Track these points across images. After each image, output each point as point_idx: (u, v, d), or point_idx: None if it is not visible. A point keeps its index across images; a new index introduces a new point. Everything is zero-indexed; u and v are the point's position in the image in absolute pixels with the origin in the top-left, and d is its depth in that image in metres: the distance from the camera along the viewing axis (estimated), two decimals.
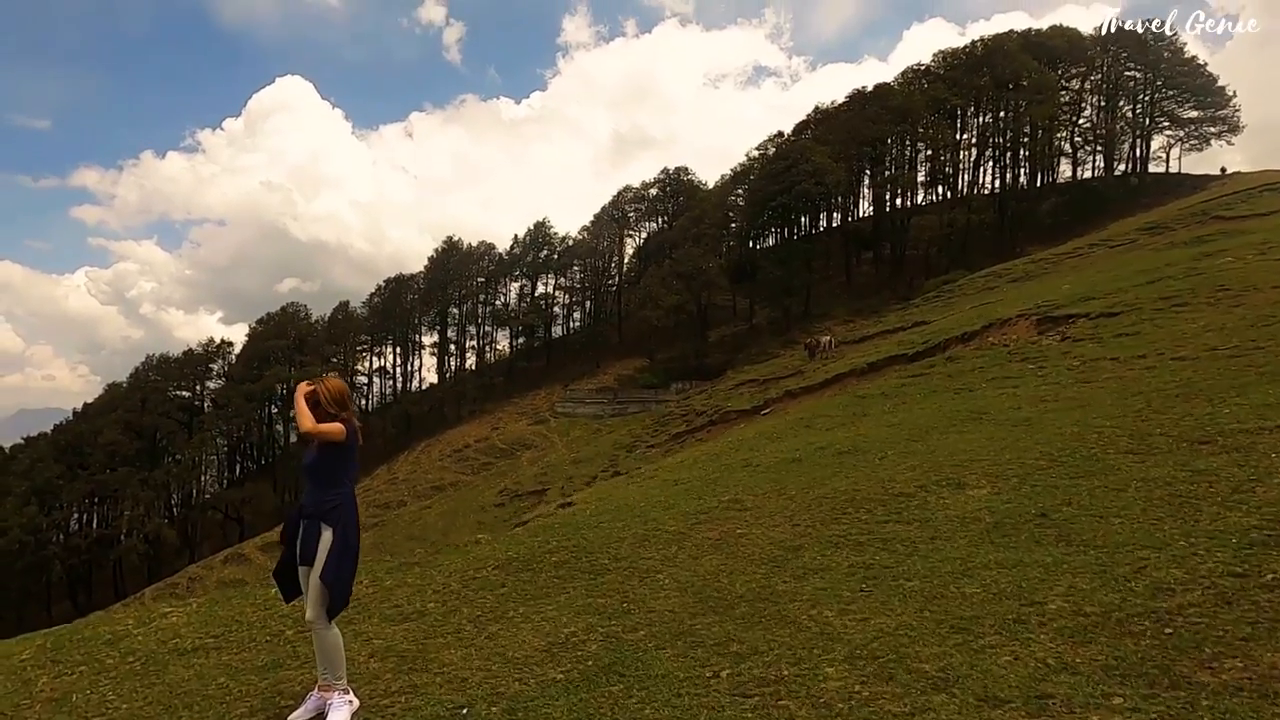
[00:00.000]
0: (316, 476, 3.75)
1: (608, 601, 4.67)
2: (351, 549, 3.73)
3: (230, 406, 63.20)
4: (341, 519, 3.70)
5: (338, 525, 3.68)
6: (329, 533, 3.65)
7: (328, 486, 3.73)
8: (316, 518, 3.67)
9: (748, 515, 6.22)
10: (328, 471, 3.75)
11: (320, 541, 3.63)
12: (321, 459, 3.73)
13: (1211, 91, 66.25)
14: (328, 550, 3.61)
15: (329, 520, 3.67)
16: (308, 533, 3.67)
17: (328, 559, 3.61)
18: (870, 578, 4.38)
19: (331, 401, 3.77)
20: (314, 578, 3.60)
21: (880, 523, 5.39)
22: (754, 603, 4.29)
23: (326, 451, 3.72)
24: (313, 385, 3.78)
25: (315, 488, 3.73)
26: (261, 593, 6.02)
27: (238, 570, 41.51)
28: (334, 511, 3.69)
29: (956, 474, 6.27)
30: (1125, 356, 10.10)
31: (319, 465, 3.73)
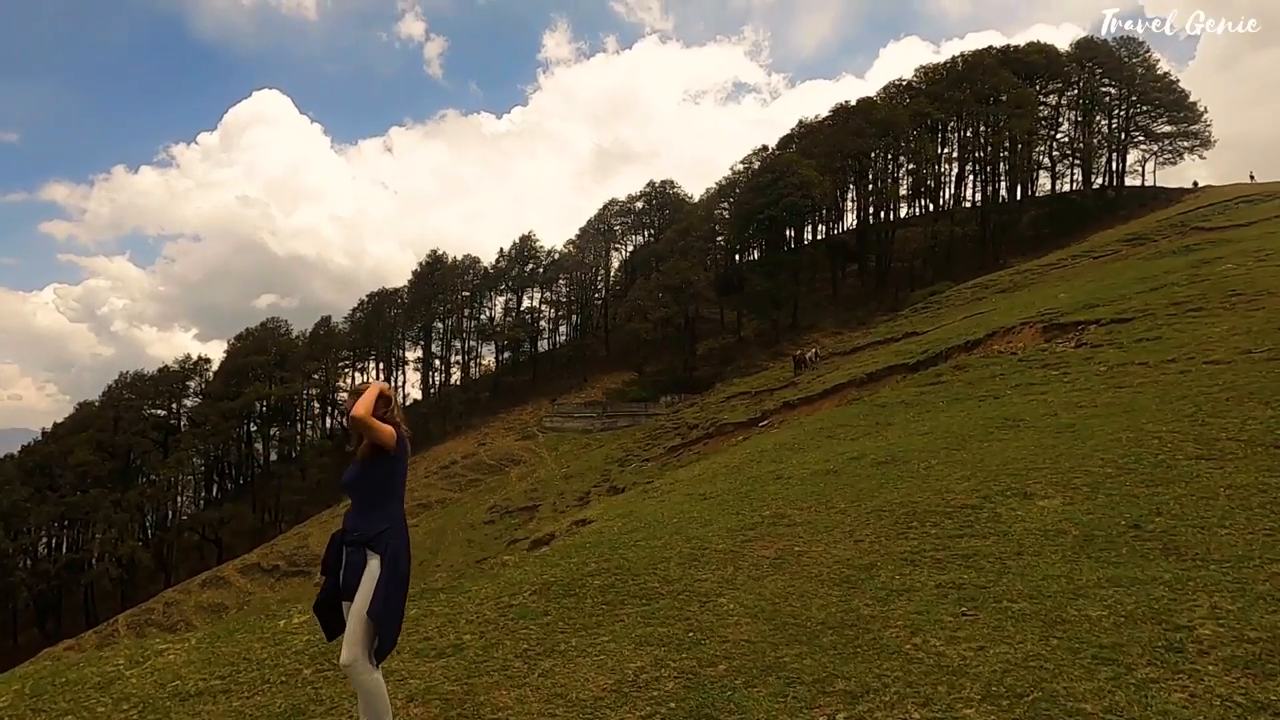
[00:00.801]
0: (361, 494, 3.26)
1: (670, 630, 4.19)
2: (402, 579, 3.24)
3: (208, 425, 61.61)
4: (390, 545, 3.21)
5: (386, 552, 3.18)
6: (375, 561, 3.15)
7: (374, 506, 3.24)
8: (361, 544, 3.17)
9: (800, 531, 5.78)
10: (375, 488, 3.26)
11: (365, 571, 3.13)
12: (367, 474, 3.24)
13: (1184, 107, 67.73)
14: (375, 581, 3.12)
15: (375, 546, 3.17)
16: (351, 561, 3.18)
17: (375, 591, 3.11)
18: (966, 599, 3.95)
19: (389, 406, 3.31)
20: (356, 612, 3.10)
21: (953, 537, 4.97)
22: (840, 630, 3.84)
23: (373, 465, 3.23)
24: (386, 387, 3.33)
25: (360, 508, 3.25)
26: (269, 625, 5.45)
27: (217, 594, 40.16)
28: (381, 536, 3.19)
29: (1018, 483, 5.89)
30: (1154, 361, 9.84)
31: (364, 481, 3.24)
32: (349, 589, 3.14)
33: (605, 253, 74.14)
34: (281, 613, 5.74)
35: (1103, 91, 69.36)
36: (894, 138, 66.24)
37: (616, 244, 75.47)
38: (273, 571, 42.29)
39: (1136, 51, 68.47)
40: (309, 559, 42.52)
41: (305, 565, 41.71)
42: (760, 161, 70.05)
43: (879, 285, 64.44)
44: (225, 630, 5.52)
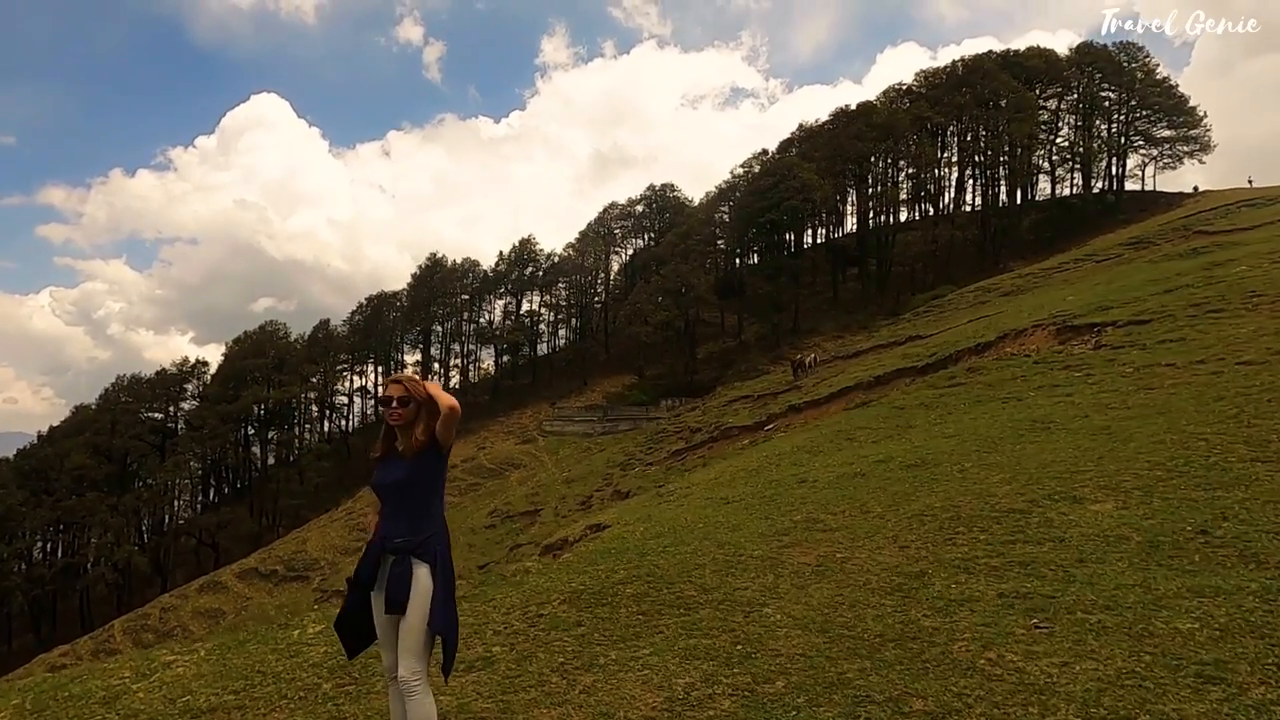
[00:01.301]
0: (408, 496, 2.97)
1: (715, 643, 3.94)
2: (453, 585, 2.99)
3: (205, 428, 61.15)
4: (438, 552, 2.96)
5: (436, 561, 2.93)
6: (423, 570, 2.89)
7: (421, 509, 2.96)
8: (407, 551, 2.90)
9: (838, 536, 5.53)
10: (424, 489, 2.98)
11: (414, 582, 2.87)
12: (419, 472, 2.96)
13: (1183, 111, 67.82)
14: (429, 593, 2.86)
15: (423, 554, 2.91)
16: (397, 571, 2.89)
17: (433, 604, 2.86)
18: (1034, 610, 3.70)
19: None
20: (414, 627, 2.84)
21: (1006, 543, 4.73)
22: (903, 643, 3.59)
23: (424, 463, 2.96)
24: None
25: (402, 512, 2.96)
26: (282, 636, 5.18)
27: (214, 600, 39.75)
28: (428, 542, 2.93)
29: (1064, 487, 5.65)
30: (1182, 362, 9.62)
31: (415, 481, 2.95)
32: (397, 602, 2.86)
33: (605, 256, 73.98)
34: (294, 623, 5.47)
35: (1102, 96, 69.44)
36: (894, 141, 66.22)
37: (616, 247, 75.33)
38: (270, 576, 41.88)
39: (1136, 56, 68.59)
40: (307, 564, 42.16)
41: (304, 570, 41.34)
42: (760, 165, 70.02)
43: (879, 289, 64.33)
44: (235, 641, 5.25)
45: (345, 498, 55.51)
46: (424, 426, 3.01)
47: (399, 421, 3.01)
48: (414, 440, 2.99)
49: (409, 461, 2.98)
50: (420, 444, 2.98)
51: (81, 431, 61.05)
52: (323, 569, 40.27)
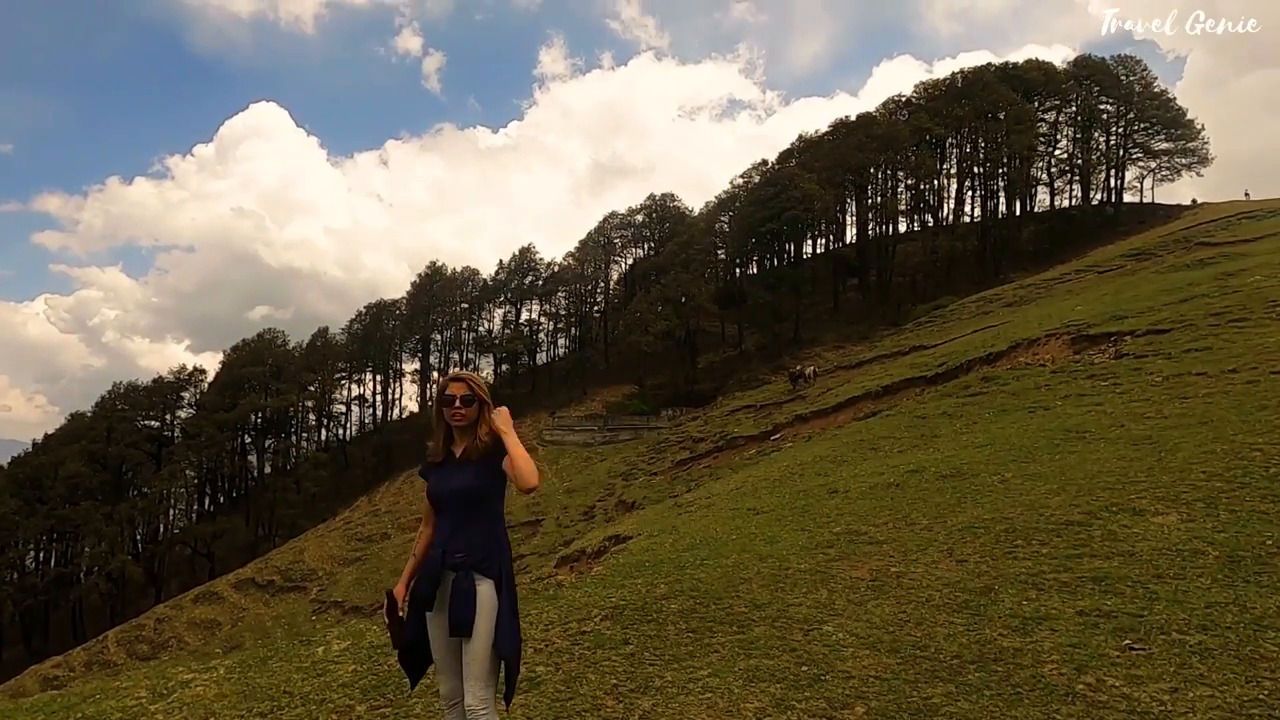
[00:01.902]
0: (472, 506, 2.73)
1: (778, 664, 3.70)
2: (516, 606, 2.76)
3: (202, 436, 60.64)
4: (502, 565, 2.72)
5: (500, 575, 2.69)
6: (487, 586, 2.65)
7: (485, 522, 2.73)
8: (470, 566, 2.65)
9: (887, 550, 5.30)
10: (490, 497, 2.75)
11: (479, 599, 2.63)
12: (483, 480, 2.72)
13: (1181, 124, 68.18)
14: (495, 612, 2.63)
15: (486, 569, 2.67)
16: (460, 589, 2.64)
17: (499, 625, 2.62)
18: (1122, 629, 3.48)
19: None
20: (479, 651, 2.60)
21: (1071, 557, 4.51)
22: (985, 664, 3.36)
23: (490, 469, 2.72)
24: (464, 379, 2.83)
25: (463, 523, 2.71)
26: (306, 653, 4.92)
27: (209, 610, 39.21)
28: (493, 557, 2.70)
29: (1119, 499, 5.44)
30: (1214, 371, 9.44)
31: (478, 489, 2.72)
32: (462, 623, 2.61)
33: (605, 265, 73.87)
34: (318, 638, 5.21)
35: (1100, 109, 69.77)
36: (894, 152, 66.39)
37: (616, 257, 75.20)
38: (267, 587, 41.36)
39: (1134, 69, 69.00)
40: (304, 574, 41.67)
41: (301, 580, 40.85)
42: (760, 175, 70.11)
43: (880, 299, 64.29)
44: (256, 658, 4.99)
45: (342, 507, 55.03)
46: (488, 428, 2.79)
47: (461, 422, 2.78)
48: (478, 443, 2.76)
49: (472, 467, 2.75)
50: (485, 447, 2.75)
51: (77, 439, 60.49)
52: (320, 579, 39.78)
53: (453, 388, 2.80)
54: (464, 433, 2.81)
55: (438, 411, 2.85)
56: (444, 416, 2.82)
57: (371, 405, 73.81)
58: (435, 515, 2.82)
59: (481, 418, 2.80)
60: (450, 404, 2.78)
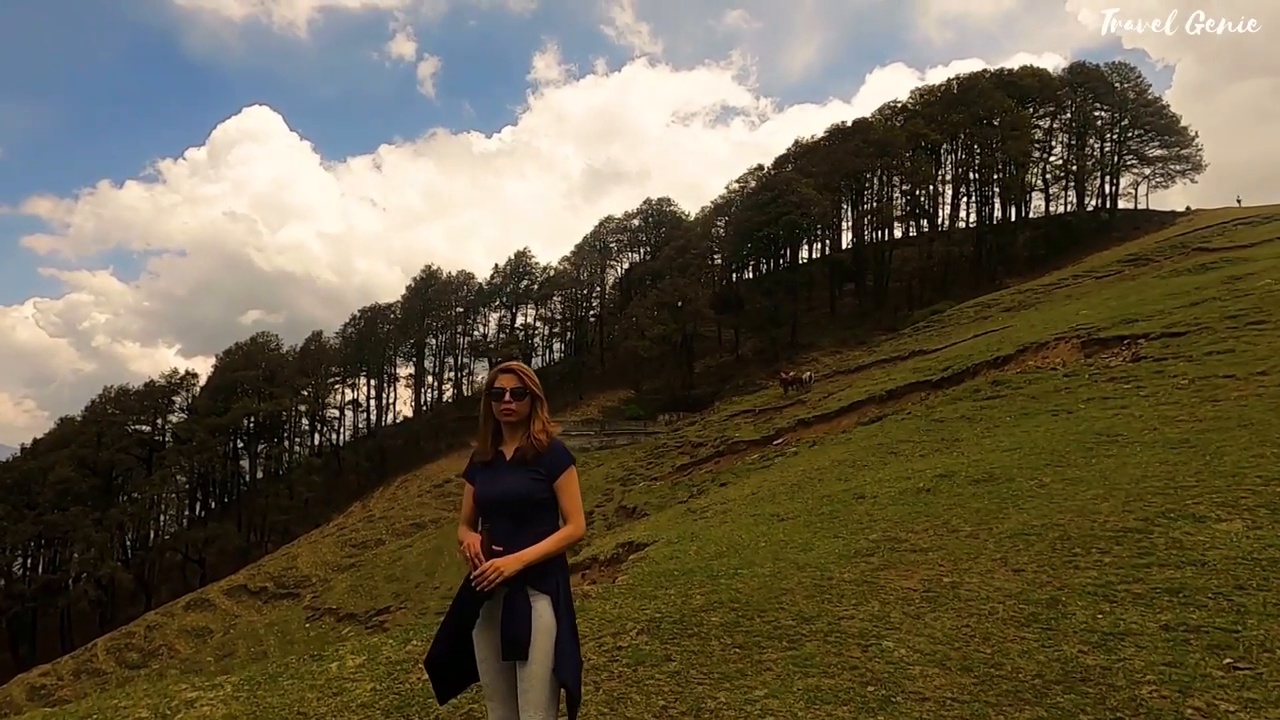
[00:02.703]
0: (528, 512, 2.45)
1: (838, 683, 3.42)
2: (575, 625, 2.47)
3: (194, 441, 59.95)
4: (560, 581, 2.44)
5: (558, 592, 2.41)
6: (544, 603, 2.37)
7: (540, 531, 2.44)
8: (524, 581, 2.37)
9: (934, 558, 5.02)
10: (545, 504, 2.48)
11: (535, 619, 2.34)
12: (537, 483, 2.45)
13: (1175, 131, 68.61)
14: (553, 632, 2.34)
15: (542, 585, 2.39)
16: (515, 607, 2.35)
17: (559, 649, 2.33)
18: (1217, 646, 3.21)
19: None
20: (537, 676, 2.31)
21: (1139, 567, 4.24)
22: (1072, 685, 3.08)
23: (549, 472, 2.47)
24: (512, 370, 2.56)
25: (521, 531, 2.42)
26: (319, 670, 4.60)
27: (201, 617, 38.57)
28: (551, 570, 2.42)
29: (1173, 505, 5.18)
30: (1242, 374, 9.23)
31: (533, 494, 2.45)
32: (517, 644, 2.32)
33: (601, 270, 73.69)
34: (330, 653, 4.89)
35: (1095, 115, 70.15)
36: (890, 158, 66.49)
37: (612, 261, 75.02)
38: (259, 594, 40.76)
39: (1128, 76, 69.44)
40: (298, 580, 41.09)
41: (294, 587, 40.27)
42: (756, 180, 70.12)
43: (877, 305, 64.27)
44: (266, 675, 4.67)
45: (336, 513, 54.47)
46: (541, 425, 2.51)
47: (511, 418, 2.51)
48: (532, 443, 2.48)
49: (526, 470, 2.47)
50: (540, 447, 2.47)
51: (66, 444, 59.69)
52: (314, 586, 39.21)
53: (501, 380, 2.53)
54: (514, 429, 2.55)
55: (485, 406, 2.58)
56: (492, 412, 2.56)
57: (365, 410, 73.28)
58: (484, 519, 2.53)
59: (534, 413, 2.54)
60: (499, 398, 2.51)
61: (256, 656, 30.06)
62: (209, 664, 31.11)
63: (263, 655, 30.18)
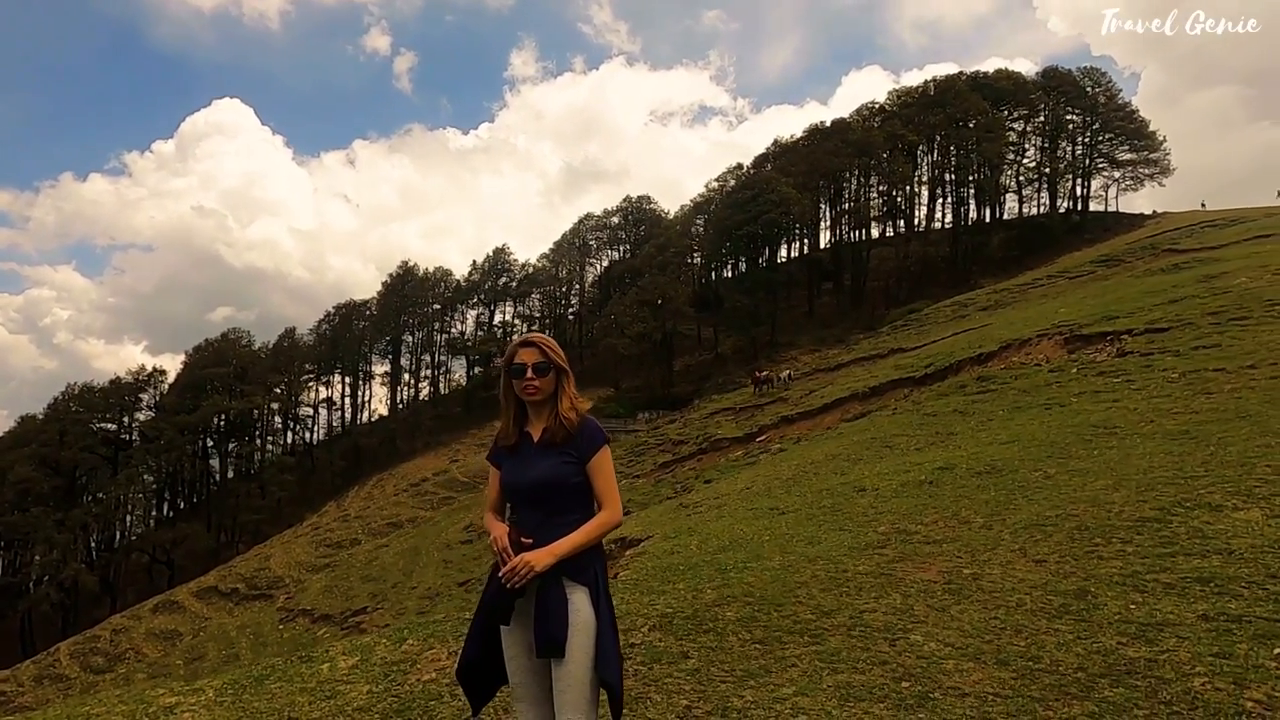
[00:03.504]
0: (559, 499, 2.23)
1: (871, 679, 3.25)
2: (615, 620, 2.25)
3: (161, 439, 58.46)
4: (598, 571, 2.23)
5: (596, 584, 2.20)
6: (581, 596, 2.15)
7: (575, 519, 2.22)
8: (559, 572, 2.15)
9: (950, 550, 4.89)
10: (580, 489, 2.25)
11: (572, 613, 2.12)
12: (569, 467, 2.23)
13: (1144, 135, 69.98)
14: (592, 629, 2.12)
15: (580, 575, 2.17)
16: (550, 602, 2.12)
17: (599, 644, 2.12)
18: (1265, 636, 3.10)
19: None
20: (575, 674, 2.09)
21: (1164, 556, 4.14)
22: (1119, 678, 2.95)
23: (581, 453, 2.24)
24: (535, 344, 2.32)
25: (555, 518, 2.20)
26: (309, 671, 4.33)
27: (169, 620, 37.57)
28: (588, 560, 2.20)
29: (1186, 494, 5.11)
30: (1233, 367, 9.30)
31: (566, 480, 2.23)
32: (553, 641, 2.10)
33: (580, 267, 73.35)
34: (320, 654, 4.61)
35: (1067, 119, 71.36)
36: (868, 158, 67.02)
37: (591, 259, 74.74)
38: (231, 595, 39.82)
39: (1099, 81, 70.71)
40: (270, 581, 40.22)
41: (267, 588, 39.40)
42: (736, 180, 70.29)
43: (854, 304, 64.75)
44: (251, 678, 4.38)
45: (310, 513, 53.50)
46: (569, 403, 2.29)
47: (536, 396, 2.28)
48: (561, 423, 2.26)
49: (556, 453, 2.24)
50: (571, 427, 2.25)
51: (27, 443, 57.85)
52: (287, 587, 38.39)
53: (522, 354, 2.29)
54: (540, 408, 2.32)
55: (506, 384, 2.34)
56: (514, 390, 2.32)
57: (340, 408, 72.12)
58: (513, 507, 2.31)
59: (561, 389, 2.32)
60: (520, 375, 2.27)
61: (228, 659, 29.33)
62: (178, 668, 30.29)
63: (234, 658, 29.46)
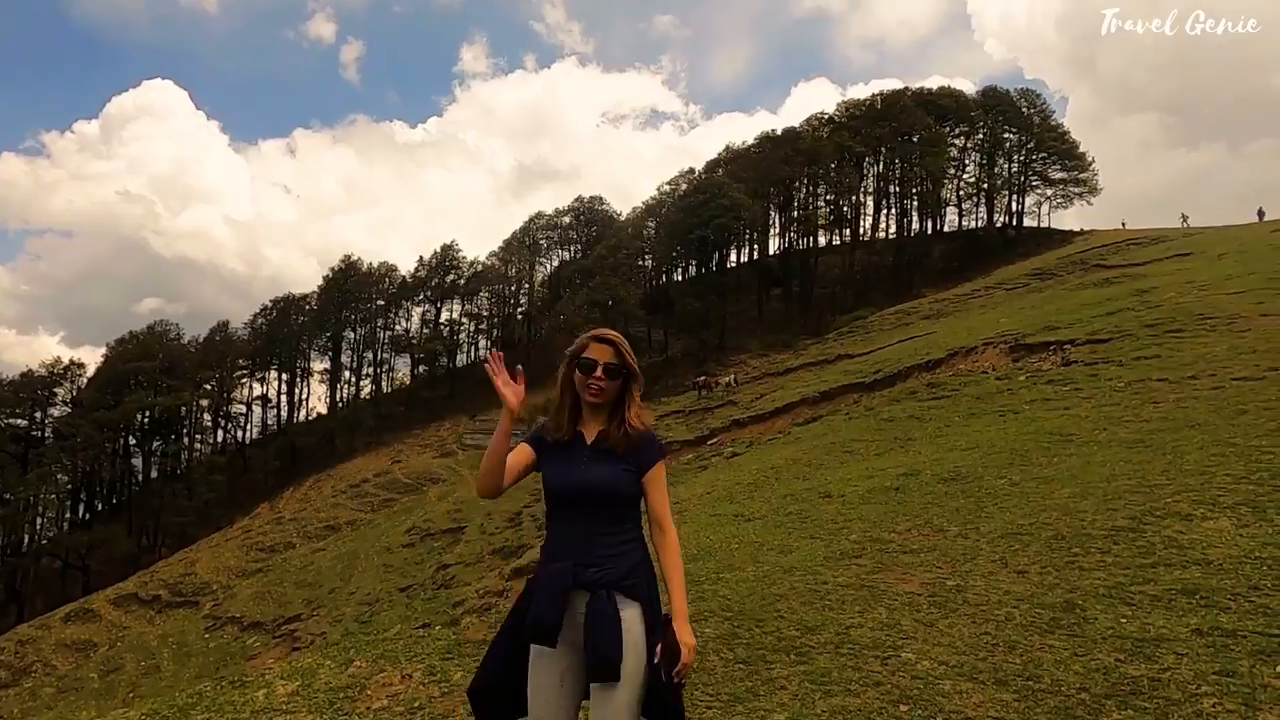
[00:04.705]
0: (616, 507, 2.00)
1: (867, 702, 3.06)
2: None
3: (78, 437, 54.88)
4: (651, 587, 2.00)
5: (647, 599, 1.97)
6: (633, 613, 1.91)
7: (629, 529, 2.01)
8: (611, 584, 1.91)
9: (928, 559, 4.77)
10: (635, 499, 2.03)
11: (625, 631, 1.87)
12: (631, 475, 2.00)
13: (1075, 156, 73.45)
14: (644, 652, 1.90)
15: (633, 589, 1.94)
16: (598, 614, 1.88)
17: (665, 666, 1.90)
18: (1263, 652, 3.03)
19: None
20: (623, 701, 1.85)
21: (1145, 567, 4.10)
22: (1126, 700, 2.82)
23: (641, 466, 2.01)
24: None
25: (608, 526, 1.97)
26: (241, 699, 3.88)
27: (83, 630, 35.23)
28: (641, 572, 1.98)
29: (1154, 503, 5.13)
30: (1175, 378, 9.59)
31: (626, 487, 2.00)
32: (607, 662, 1.84)
33: (530, 266, 72.41)
34: (254, 679, 4.16)
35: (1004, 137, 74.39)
36: (817, 167, 68.33)
37: (541, 258, 73.87)
38: (152, 603, 37.61)
39: (1035, 102, 73.90)
40: (196, 588, 38.18)
41: (191, 595, 37.38)
42: (688, 183, 70.60)
43: (802, 310, 65.83)
44: (174, 707, 3.91)
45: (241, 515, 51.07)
46: (637, 411, 2.06)
47: (600, 398, 2.03)
48: (627, 432, 2.02)
49: (618, 460, 2.00)
50: (637, 439, 2.01)
51: None
52: (214, 593, 36.51)
53: (595, 350, 2.06)
54: (597, 410, 2.07)
55: (567, 376, 2.10)
56: (572, 384, 2.09)
57: (275, 406, 69.10)
58: (556, 513, 2.06)
59: (629, 395, 2.07)
60: (589, 371, 2.04)
61: (148, 672, 27.67)
62: (92, 681, 28.40)
63: (155, 670, 27.81)
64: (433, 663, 3.98)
